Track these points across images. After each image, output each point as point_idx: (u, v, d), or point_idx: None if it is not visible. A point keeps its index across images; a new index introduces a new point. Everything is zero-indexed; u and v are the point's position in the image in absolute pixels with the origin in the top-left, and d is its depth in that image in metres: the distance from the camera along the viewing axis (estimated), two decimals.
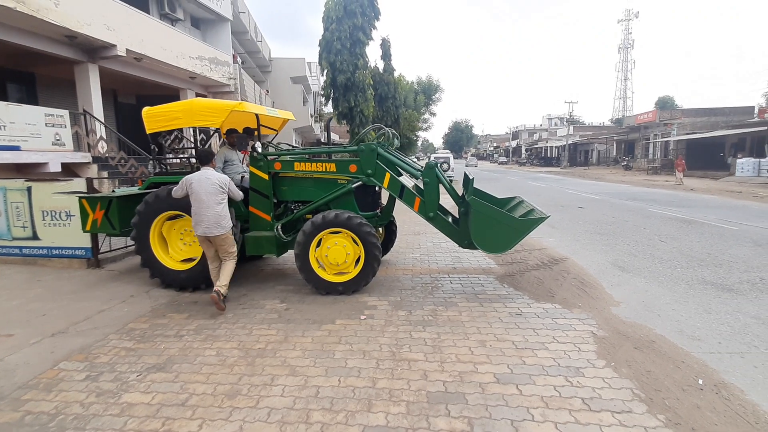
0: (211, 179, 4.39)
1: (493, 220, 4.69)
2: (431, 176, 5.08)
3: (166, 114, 5.21)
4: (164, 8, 12.85)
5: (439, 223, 5.17)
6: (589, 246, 7.49)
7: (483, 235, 4.73)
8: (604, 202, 14.18)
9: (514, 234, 4.70)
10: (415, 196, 5.10)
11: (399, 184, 5.10)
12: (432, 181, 5.08)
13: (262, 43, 20.90)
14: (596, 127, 57.80)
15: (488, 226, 4.68)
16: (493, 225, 4.67)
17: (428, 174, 5.09)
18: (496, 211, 4.74)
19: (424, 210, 5.09)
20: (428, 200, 5.07)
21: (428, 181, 5.08)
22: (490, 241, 4.75)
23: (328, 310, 4.49)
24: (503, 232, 4.68)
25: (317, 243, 5.00)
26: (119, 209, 5.53)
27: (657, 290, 5.06)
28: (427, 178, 5.08)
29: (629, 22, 73.72)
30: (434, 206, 5.08)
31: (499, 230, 4.67)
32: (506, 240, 4.72)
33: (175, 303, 4.84)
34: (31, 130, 8.05)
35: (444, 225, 5.20)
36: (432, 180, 5.08)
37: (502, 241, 4.73)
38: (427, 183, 5.08)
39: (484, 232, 4.72)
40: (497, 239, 4.72)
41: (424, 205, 5.08)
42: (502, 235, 4.69)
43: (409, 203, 5.11)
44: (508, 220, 4.70)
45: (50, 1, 8.33)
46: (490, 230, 4.69)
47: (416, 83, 32.93)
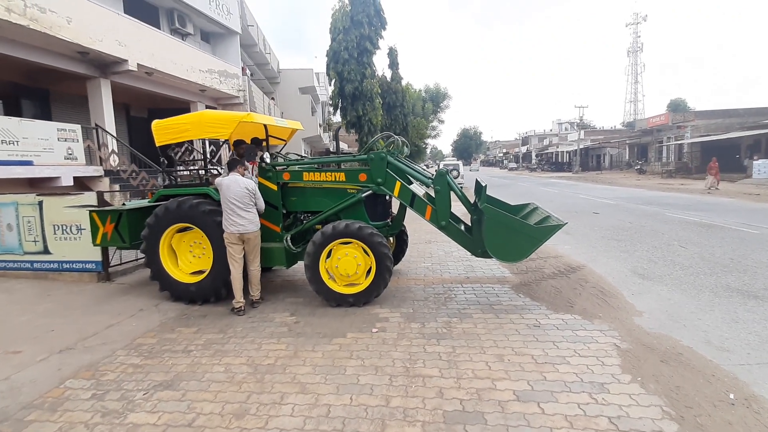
0: (239, 182, 4.66)
1: (507, 228, 4.52)
2: (442, 184, 4.97)
3: (175, 126, 5.21)
4: (174, 23, 13.07)
5: (452, 231, 5.04)
6: (607, 253, 7.27)
7: (497, 244, 4.58)
8: (619, 207, 13.88)
9: (530, 242, 4.52)
10: (426, 204, 4.99)
11: (410, 192, 5.00)
12: (443, 189, 4.96)
13: (270, 55, 21.16)
14: (607, 131, 57.15)
15: (503, 235, 4.52)
16: (508, 233, 4.51)
17: (439, 181, 4.97)
18: (510, 219, 4.59)
19: (436, 218, 4.97)
20: (440, 208, 4.95)
21: (439, 189, 4.96)
22: (504, 249, 4.58)
23: (339, 322, 4.38)
24: (518, 240, 4.50)
25: (327, 254, 4.90)
26: (129, 222, 5.52)
27: (680, 298, 4.85)
28: (438, 186, 4.96)
29: (637, 26, 73.24)
30: (446, 214, 4.96)
31: (514, 238, 4.50)
32: (522, 248, 4.55)
33: (184, 317, 4.77)
34: (44, 144, 8.16)
35: (457, 233, 5.08)
36: (443, 188, 4.96)
37: (517, 249, 4.55)
38: (438, 191, 4.96)
39: (499, 241, 4.56)
40: (512, 248, 4.55)
41: (435, 214, 4.96)
42: (518, 243, 4.51)
43: (421, 212, 5.01)
44: (523, 228, 4.54)
45: (62, 18, 8.49)
46: (505, 238, 4.52)
47: (424, 91, 32.97)
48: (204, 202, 5.06)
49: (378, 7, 15.07)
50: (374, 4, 14.80)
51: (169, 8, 13.08)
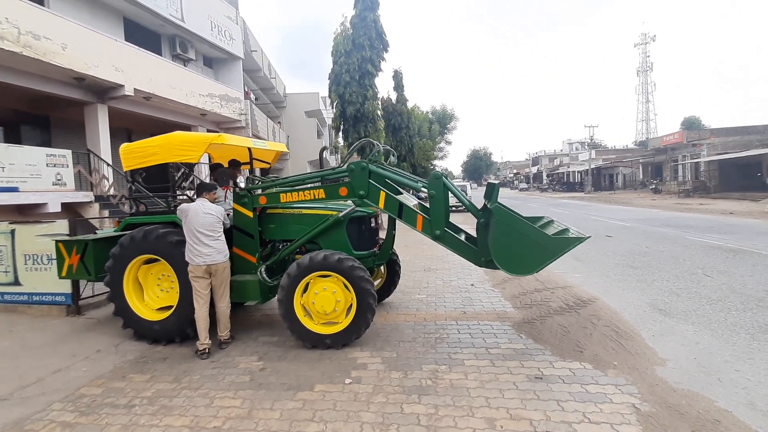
0: (205, 209, 4.28)
1: (519, 233, 3.79)
2: (437, 188, 4.30)
3: (143, 150, 4.87)
4: (176, 49, 13.16)
5: (449, 241, 4.34)
6: (622, 283, 6.58)
7: (506, 252, 3.86)
8: (634, 229, 13.10)
9: (543, 253, 3.76)
10: (416, 214, 4.37)
11: (396, 202, 4.40)
12: (438, 194, 4.29)
13: (275, 80, 21.34)
14: (620, 150, 56.17)
15: (513, 241, 3.81)
16: (519, 240, 3.79)
17: (434, 185, 4.31)
18: (524, 223, 3.85)
19: (429, 228, 4.31)
20: (434, 216, 4.30)
21: (434, 194, 4.29)
22: (513, 259, 3.85)
23: (310, 369, 3.82)
24: (530, 249, 3.77)
25: (304, 288, 4.39)
26: (95, 253, 5.12)
27: (711, 342, 4.16)
28: (433, 190, 4.30)
29: (646, 46, 73.09)
30: (441, 222, 4.28)
31: (525, 247, 3.78)
32: (533, 260, 3.79)
33: (141, 360, 4.27)
34: (32, 170, 7.96)
35: (455, 243, 4.37)
36: (438, 192, 4.30)
37: (527, 260, 3.81)
38: (433, 196, 4.29)
39: (508, 248, 3.84)
40: (523, 258, 3.81)
41: (429, 223, 4.31)
42: (529, 253, 3.78)
43: (411, 222, 4.39)
44: (537, 236, 3.78)
45: (57, 45, 8.45)
46: (516, 246, 3.81)
47: (431, 113, 32.94)
48: (172, 232, 4.64)
49: (380, 30, 14.99)
50: (376, 28, 14.72)
51: (171, 35, 13.20)
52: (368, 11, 14.51)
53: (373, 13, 14.67)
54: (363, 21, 14.50)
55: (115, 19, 11.34)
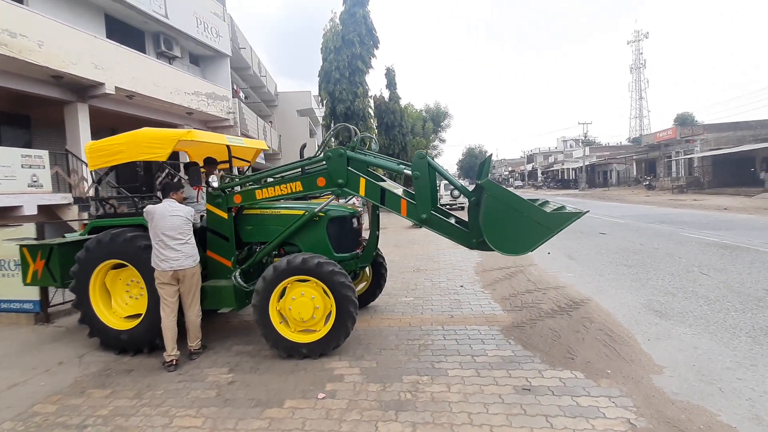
0: (173, 210, 4.01)
1: (512, 209, 3.51)
2: (421, 168, 3.98)
3: (109, 148, 4.58)
4: (161, 47, 12.82)
5: (436, 224, 4.06)
6: (616, 282, 6.36)
7: (498, 230, 3.59)
8: (628, 226, 12.92)
9: (539, 231, 3.47)
10: (400, 198, 4.11)
11: (378, 188, 4.13)
12: (423, 175, 3.98)
13: (266, 78, 20.98)
14: (613, 147, 56.22)
15: (506, 218, 3.54)
16: (512, 216, 3.52)
17: (417, 165, 3.99)
18: (517, 198, 3.57)
19: (414, 212, 4.03)
20: (419, 198, 4.01)
21: (418, 175, 3.98)
22: (506, 237, 3.57)
23: (283, 382, 3.56)
24: (525, 226, 3.49)
25: (280, 293, 4.13)
26: (61, 258, 4.83)
27: (710, 346, 3.94)
28: (417, 171, 3.98)
29: (639, 43, 73.14)
30: (427, 205, 4.00)
31: (519, 224, 3.50)
32: (527, 238, 3.52)
33: (105, 373, 3.99)
34: (5, 172, 7.64)
35: (443, 225, 4.11)
36: (423, 173, 3.98)
37: (522, 238, 3.53)
38: (417, 177, 3.98)
39: (501, 226, 3.57)
40: (517, 235, 3.53)
41: (414, 207, 4.03)
42: (523, 230, 3.50)
43: (395, 208, 4.12)
44: (533, 212, 3.50)
45: (33, 42, 8.12)
46: (509, 223, 3.53)
47: (424, 111, 32.66)
48: (140, 236, 4.35)
49: (370, 26, 14.77)
50: (365, 24, 14.50)
51: (155, 32, 12.85)
52: (358, 7, 14.28)
53: (362, 8, 14.45)
54: (352, 17, 14.28)
55: (96, 16, 10.99)
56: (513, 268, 7.57)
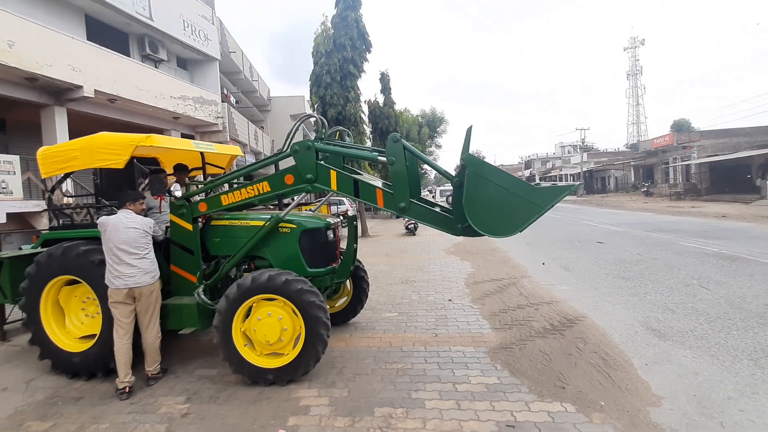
0: (129, 221, 3.68)
1: (497, 186, 3.22)
2: (396, 153, 3.59)
3: (62, 154, 4.26)
4: (146, 49, 12.51)
5: (416, 212, 3.69)
6: (612, 296, 6.03)
7: (483, 210, 3.28)
8: (626, 234, 12.63)
9: (528, 209, 3.18)
10: (374, 188, 3.76)
11: (350, 179, 3.77)
12: (399, 160, 3.58)
13: (258, 83, 20.71)
14: (611, 153, 56.24)
15: (491, 196, 3.25)
16: (497, 194, 3.22)
17: (392, 150, 3.60)
18: (503, 175, 3.27)
19: (392, 202, 3.66)
20: (396, 186, 3.62)
21: (393, 160, 3.58)
22: (493, 218, 3.27)
23: (242, 414, 3.20)
24: (513, 204, 3.20)
25: (245, 312, 3.78)
26: (11, 273, 4.47)
27: (711, 371, 3.60)
28: (393, 157, 3.58)
29: (635, 50, 73.48)
30: (405, 193, 3.61)
31: (507, 202, 3.21)
32: (516, 217, 3.22)
33: (50, 401, 3.62)
34: None
35: (424, 213, 3.72)
36: (399, 158, 3.58)
37: (510, 218, 3.24)
38: (393, 163, 3.58)
39: (486, 206, 3.27)
40: (503, 215, 3.24)
41: (391, 197, 3.66)
42: (512, 209, 3.22)
43: (370, 199, 3.79)
44: (520, 188, 3.20)
45: (3, 42, 7.80)
46: (495, 202, 3.25)
47: (420, 116, 32.44)
48: (96, 250, 3.98)
49: (362, 30, 14.50)
50: (357, 28, 14.22)
51: (140, 34, 12.55)
52: (350, 10, 14.01)
53: (354, 12, 14.18)
54: (344, 20, 14.00)
55: (76, 17, 10.69)
56: (505, 281, 7.24)
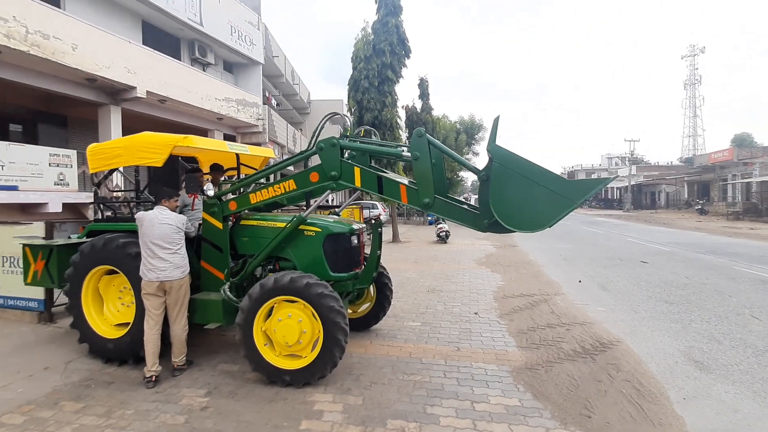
0: (163, 217, 3.86)
1: (525, 179, 3.08)
2: (420, 148, 3.52)
3: (108, 151, 4.53)
4: (195, 53, 13.20)
5: (441, 208, 3.59)
6: (653, 322, 5.63)
7: (510, 204, 3.14)
8: (674, 255, 11.81)
9: (559, 202, 3.02)
10: (398, 183, 3.73)
11: (374, 175, 3.77)
12: (423, 155, 3.50)
13: (299, 86, 21.30)
14: (663, 167, 53.05)
15: (518, 189, 3.11)
16: (527, 187, 3.09)
17: (416, 145, 3.53)
18: (531, 166, 3.10)
19: (416, 197, 3.61)
20: (420, 181, 3.56)
21: (418, 155, 3.51)
22: (520, 211, 3.13)
23: (257, 413, 3.24)
24: (542, 198, 3.05)
25: (267, 312, 3.84)
26: (59, 260, 4.80)
27: (752, 409, 3.27)
28: (417, 152, 3.51)
29: (694, 58, 69.07)
30: (430, 188, 3.53)
31: (535, 195, 3.07)
32: (546, 211, 3.07)
33: (85, 383, 3.84)
34: (33, 169, 7.93)
35: (449, 209, 3.62)
36: (423, 153, 3.51)
37: (539, 212, 3.09)
38: (417, 158, 3.52)
39: (513, 199, 3.12)
40: (532, 209, 3.10)
41: (415, 193, 3.61)
42: (541, 202, 3.07)
43: (394, 195, 3.76)
44: (550, 181, 3.05)
45: (67, 45, 8.46)
46: (522, 195, 3.10)
47: (458, 123, 32.04)
48: (133, 243, 4.21)
49: (402, 36, 14.54)
50: (398, 33, 14.28)
51: (190, 39, 13.26)
52: (391, 16, 14.10)
53: (395, 18, 14.25)
54: (385, 26, 14.10)
55: (133, 22, 11.45)
56: (537, 297, 6.95)
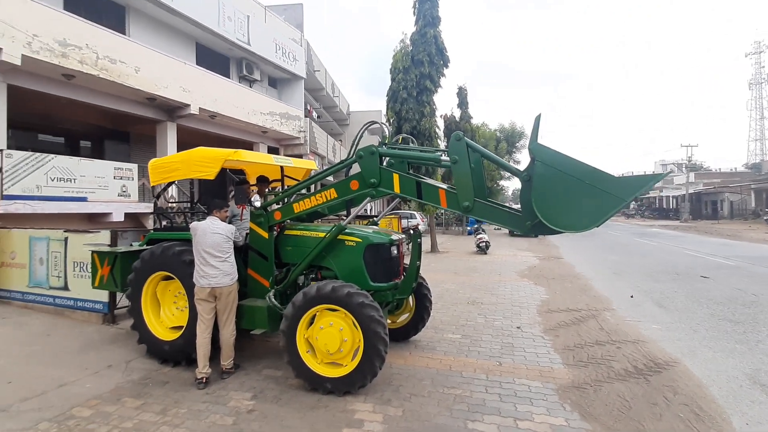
0: (215, 227, 4.10)
1: (570, 178, 2.95)
2: (459, 152, 3.50)
3: (167, 165, 4.89)
4: (243, 71, 13.96)
5: (482, 211, 3.56)
6: (715, 341, 5.21)
7: (554, 203, 3.02)
8: (740, 270, 10.86)
9: (607, 200, 2.88)
10: (437, 188, 3.76)
11: (412, 181, 3.81)
12: (462, 158, 3.48)
13: (339, 98, 21.90)
14: (725, 173, 49.20)
15: (562, 187, 2.99)
16: (571, 185, 2.96)
17: (455, 148, 3.51)
18: (575, 163, 2.98)
19: (455, 202, 3.59)
20: (460, 185, 3.53)
21: (456, 159, 3.48)
22: (564, 210, 3.00)
23: (299, 419, 3.33)
24: (588, 196, 2.92)
25: (310, 320, 3.96)
26: (122, 266, 5.20)
27: None
28: (456, 155, 3.50)
29: (760, 55, 63.82)
30: (470, 192, 3.49)
31: (580, 193, 2.94)
32: (593, 210, 2.93)
33: (143, 382, 4.11)
34: (100, 182, 8.68)
35: (489, 211, 3.60)
36: (462, 157, 3.48)
37: (585, 210, 2.95)
38: (456, 161, 3.49)
39: (556, 197, 3.01)
40: (577, 208, 2.97)
41: (454, 197, 3.59)
42: (586, 201, 2.93)
43: (433, 200, 3.77)
44: (596, 178, 2.91)
45: (131, 68, 9.25)
46: (566, 193, 2.98)
47: (498, 131, 31.49)
48: (188, 251, 4.49)
49: (440, 45, 14.60)
50: (436, 44, 14.36)
51: (239, 57, 14.05)
52: (429, 27, 14.21)
53: (434, 29, 14.34)
54: (423, 37, 14.23)
55: (188, 44, 12.33)
56: (584, 312, 6.64)
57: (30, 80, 8.25)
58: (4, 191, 7.41)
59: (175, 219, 5.84)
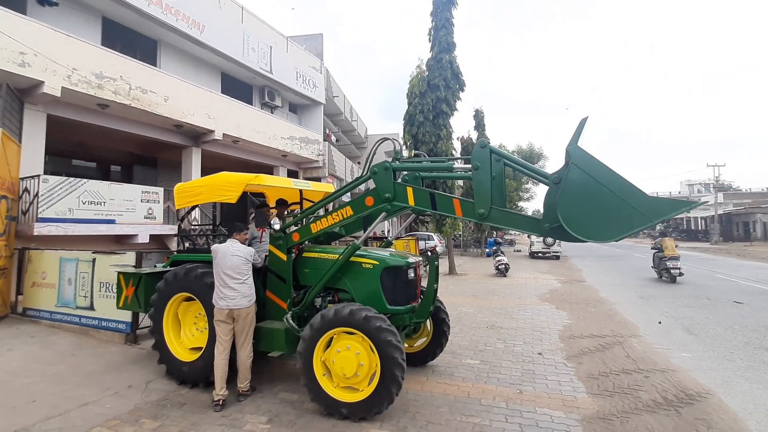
0: (234, 249, 4.19)
1: (602, 188, 2.91)
2: (482, 159, 3.51)
3: (192, 189, 5.07)
4: (264, 98, 14.50)
5: (498, 218, 3.53)
6: (752, 372, 4.91)
7: (579, 208, 2.97)
8: None
9: (634, 218, 2.87)
10: (451, 198, 3.76)
11: (426, 193, 3.85)
12: (484, 166, 3.48)
13: (357, 122, 22.40)
14: (757, 193, 47.36)
15: (592, 196, 2.95)
16: (602, 195, 2.93)
17: (478, 156, 3.53)
18: (612, 176, 2.93)
19: (471, 209, 3.58)
20: (477, 193, 3.54)
21: (478, 166, 3.50)
22: (588, 219, 2.96)
23: None
24: (616, 209, 2.90)
25: (327, 342, 3.95)
26: (146, 286, 5.34)
27: None
28: (478, 162, 3.51)
29: None
30: (486, 200, 3.50)
31: (609, 205, 2.92)
32: (617, 224, 2.91)
33: (162, 403, 4.15)
34: (128, 205, 9.02)
35: (506, 216, 3.57)
36: (484, 164, 3.49)
37: (609, 223, 2.93)
38: (477, 168, 3.51)
39: (583, 204, 2.96)
40: (602, 219, 2.94)
41: (470, 205, 3.59)
42: (613, 214, 2.91)
43: (448, 210, 3.77)
44: (629, 193, 2.88)
45: (160, 97, 9.74)
46: (594, 202, 2.94)
47: (516, 152, 31.43)
48: (209, 273, 4.59)
49: (456, 71, 14.87)
50: (452, 68, 14.63)
51: (262, 85, 14.62)
52: (444, 53, 14.52)
53: (449, 54, 14.65)
54: (439, 63, 14.53)
55: (214, 74, 12.93)
56: (609, 338, 6.39)
57: (67, 110, 8.79)
58: (39, 214, 7.78)
59: (197, 241, 6.00)
